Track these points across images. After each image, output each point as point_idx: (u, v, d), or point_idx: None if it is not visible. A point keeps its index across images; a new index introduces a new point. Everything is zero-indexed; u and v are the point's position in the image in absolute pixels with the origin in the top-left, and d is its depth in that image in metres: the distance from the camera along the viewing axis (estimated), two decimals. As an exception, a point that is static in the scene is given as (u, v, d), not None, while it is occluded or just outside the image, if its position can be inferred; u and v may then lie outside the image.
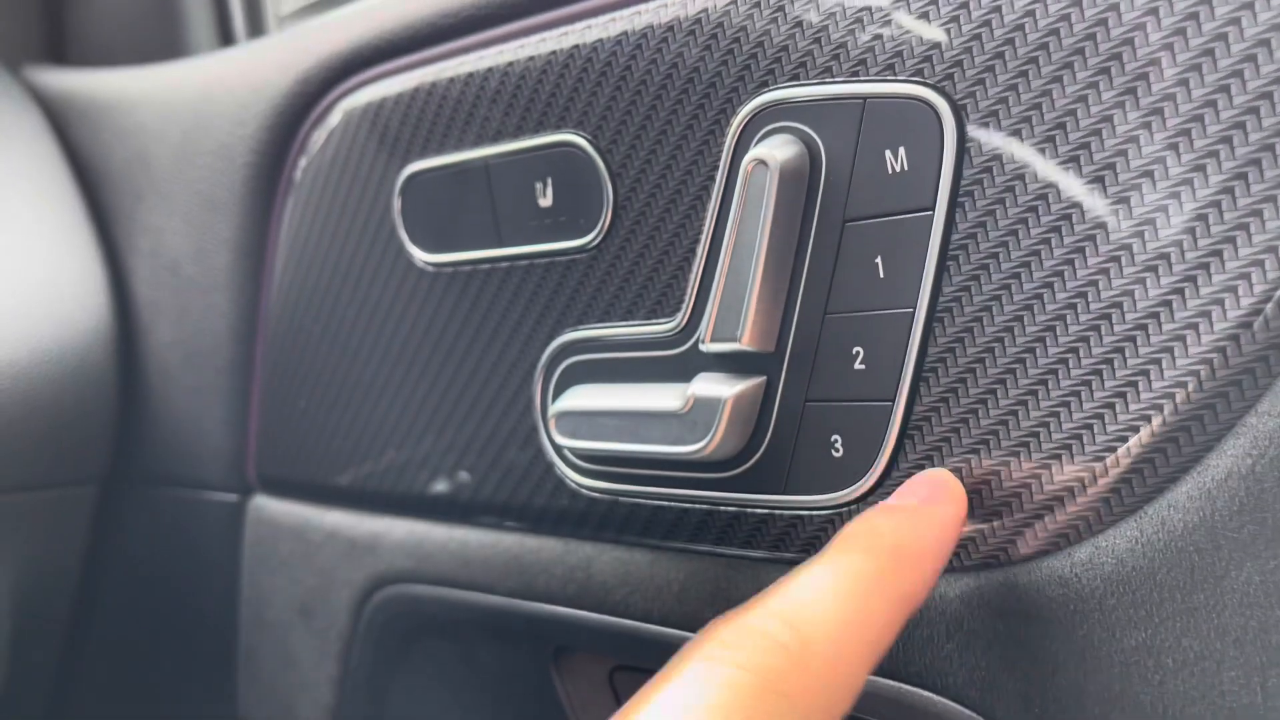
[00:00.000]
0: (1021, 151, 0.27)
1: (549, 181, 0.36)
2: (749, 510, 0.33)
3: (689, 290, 0.33)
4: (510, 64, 0.36)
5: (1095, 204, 0.26)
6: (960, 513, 0.26)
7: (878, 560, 0.23)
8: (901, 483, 0.30)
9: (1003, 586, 0.28)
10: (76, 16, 0.65)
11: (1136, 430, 0.26)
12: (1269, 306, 0.24)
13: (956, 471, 0.29)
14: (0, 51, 0.63)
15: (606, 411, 0.34)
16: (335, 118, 0.43)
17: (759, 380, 0.32)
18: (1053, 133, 0.26)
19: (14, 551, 0.51)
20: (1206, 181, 0.25)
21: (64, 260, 0.51)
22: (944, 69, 0.28)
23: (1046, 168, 0.27)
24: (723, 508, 0.33)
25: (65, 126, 0.57)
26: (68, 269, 0.51)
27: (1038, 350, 0.27)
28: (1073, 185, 0.26)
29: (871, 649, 0.22)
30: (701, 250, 0.33)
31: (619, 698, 0.41)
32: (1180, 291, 0.25)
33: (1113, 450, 0.26)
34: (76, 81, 0.58)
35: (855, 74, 0.29)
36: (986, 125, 0.27)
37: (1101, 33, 0.26)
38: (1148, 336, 0.26)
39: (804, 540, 0.32)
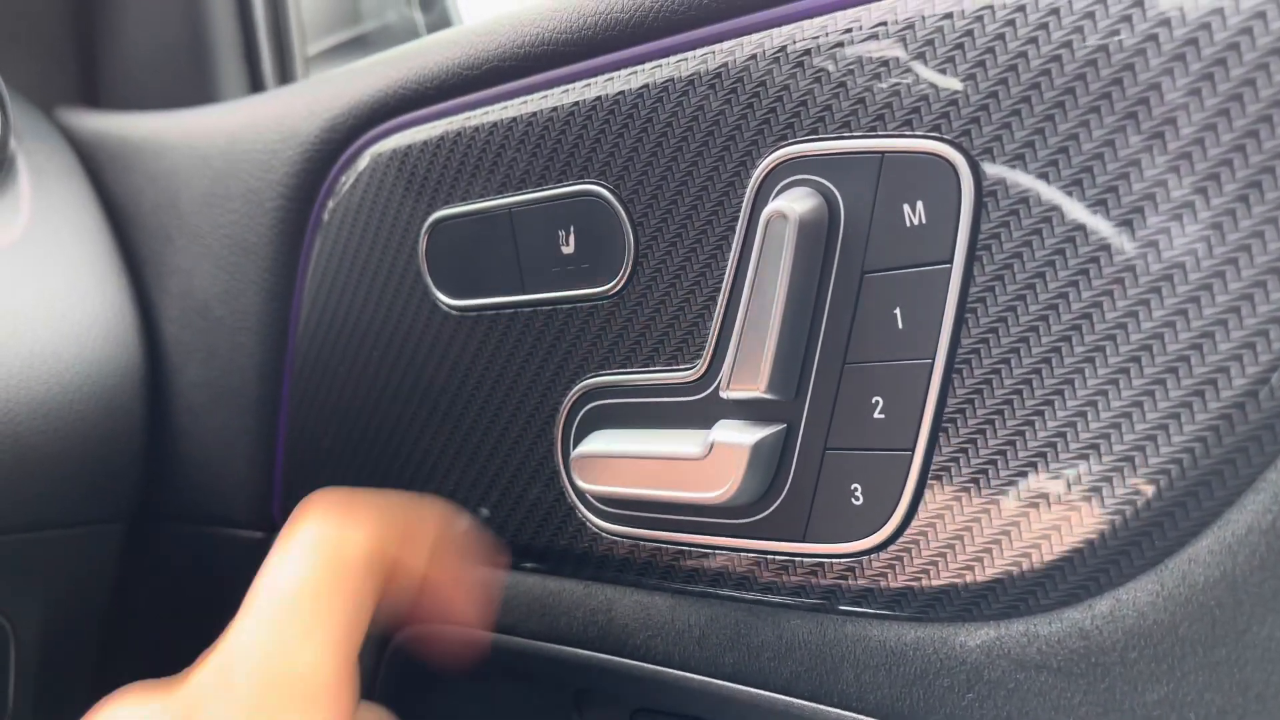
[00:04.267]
0: (1041, 203, 0.27)
1: (571, 230, 0.36)
2: (769, 556, 0.33)
3: (709, 338, 0.34)
4: (534, 114, 0.37)
5: (1115, 255, 0.26)
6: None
7: None
8: (921, 531, 0.30)
9: (1023, 637, 0.28)
10: (108, 60, 0.66)
11: (1157, 483, 0.26)
12: (1288, 362, 0.24)
13: (976, 520, 0.29)
14: (34, 93, 0.64)
15: (627, 456, 0.35)
16: (363, 162, 0.43)
17: (779, 428, 0.32)
18: (1070, 188, 0.27)
19: (42, 588, 0.51)
20: (1224, 240, 0.25)
21: (95, 300, 0.52)
22: (962, 123, 0.28)
23: (1066, 219, 0.27)
24: (743, 554, 0.34)
25: (97, 168, 0.58)
26: (99, 309, 0.52)
27: (1056, 402, 0.27)
28: (1091, 237, 0.27)
29: None
30: (721, 299, 0.33)
31: (640, 740, 0.41)
32: (1199, 347, 0.25)
33: (1133, 503, 0.26)
34: (108, 124, 0.59)
35: (873, 128, 0.30)
36: (1006, 177, 0.28)
37: (1117, 89, 0.26)
38: (1166, 391, 0.26)
39: (824, 587, 0.32)
